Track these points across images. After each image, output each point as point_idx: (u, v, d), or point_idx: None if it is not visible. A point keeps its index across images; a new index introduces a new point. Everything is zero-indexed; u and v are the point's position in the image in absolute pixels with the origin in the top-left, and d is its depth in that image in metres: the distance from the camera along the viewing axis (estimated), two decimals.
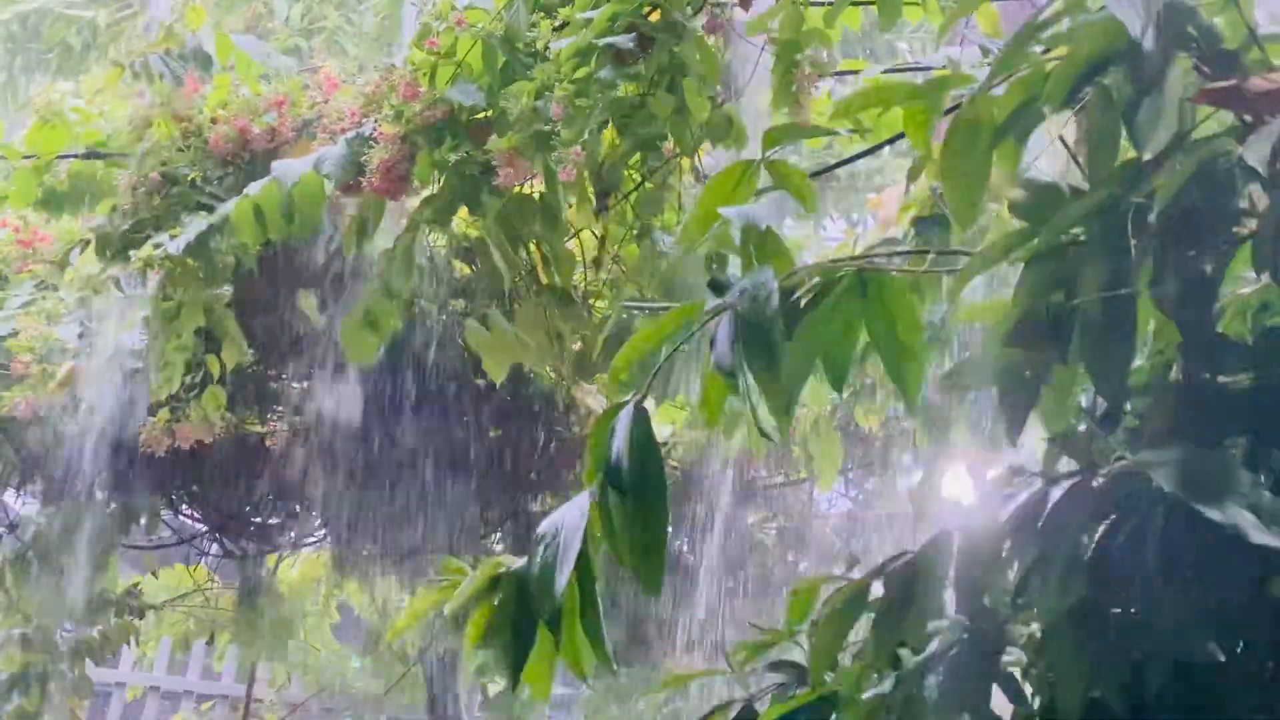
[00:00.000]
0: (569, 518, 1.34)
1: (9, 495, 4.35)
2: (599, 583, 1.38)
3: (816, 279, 1.31)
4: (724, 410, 1.41)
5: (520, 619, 1.36)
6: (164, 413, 3.40)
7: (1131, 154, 1.10)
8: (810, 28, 2.65)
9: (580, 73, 2.49)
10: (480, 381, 3.62)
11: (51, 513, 4.24)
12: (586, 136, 2.49)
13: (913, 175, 2.59)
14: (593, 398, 3.86)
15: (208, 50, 3.32)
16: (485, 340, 3.20)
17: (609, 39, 2.43)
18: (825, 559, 5.28)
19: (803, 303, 1.32)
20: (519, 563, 1.40)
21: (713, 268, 2.41)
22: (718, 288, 1.31)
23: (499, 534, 4.81)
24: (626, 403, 1.33)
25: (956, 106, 1.28)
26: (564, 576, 1.27)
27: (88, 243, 3.05)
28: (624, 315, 3.49)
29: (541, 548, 1.32)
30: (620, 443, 1.29)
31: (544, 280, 2.97)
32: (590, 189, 2.86)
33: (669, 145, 2.93)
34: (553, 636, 1.33)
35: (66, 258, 3.30)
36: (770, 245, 1.34)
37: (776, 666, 1.58)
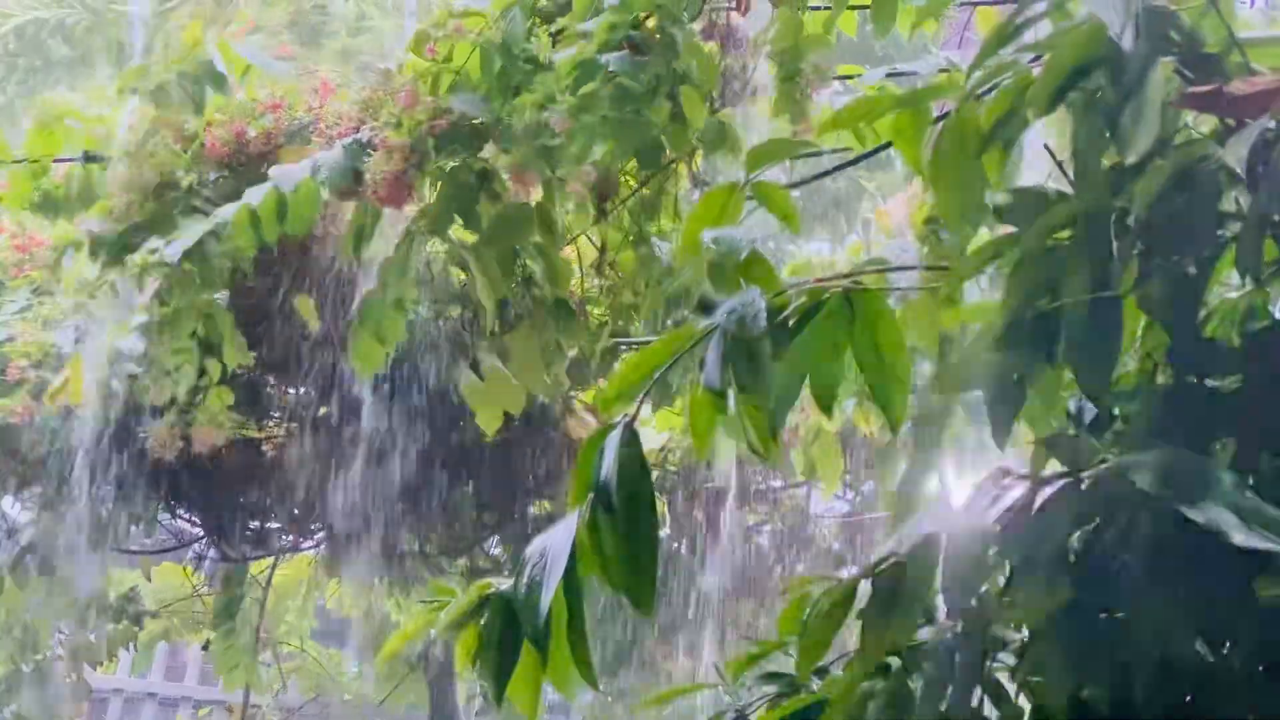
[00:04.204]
0: (556, 540, 1.34)
1: (6, 501, 4.36)
2: (598, 592, 1.39)
3: (803, 299, 1.32)
4: (716, 427, 1.41)
5: (505, 639, 1.37)
6: (170, 416, 3.39)
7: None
8: (808, 34, 2.66)
9: (586, 87, 2.48)
10: None
11: (49, 518, 4.24)
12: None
13: (907, 179, 2.60)
14: (578, 421, 3.86)
15: (219, 69, 3.31)
16: (476, 394, 3.20)
17: (610, 56, 2.43)
18: (824, 561, 5.28)
19: (790, 323, 1.33)
20: (507, 584, 1.41)
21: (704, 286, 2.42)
22: (706, 307, 1.32)
23: (497, 538, 4.82)
24: (616, 425, 1.34)
25: (948, 114, 1.28)
26: (548, 598, 1.28)
27: (81, 245, 3.05)
28: (620, 324, 3.50)
29: (528, 569, 1.33)
30: (609, 465, 1.30)
31: (537, 291, 2.97)
32: (590, 196, 2.87)
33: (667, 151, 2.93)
34: (538, 656, 1.34)
35: (60, 259, 3.30)
36: (755, 267, 1.34)
37: (770, 678, 1.59)
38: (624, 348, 3.51)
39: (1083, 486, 1.12)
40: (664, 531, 4.74)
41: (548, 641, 1.32)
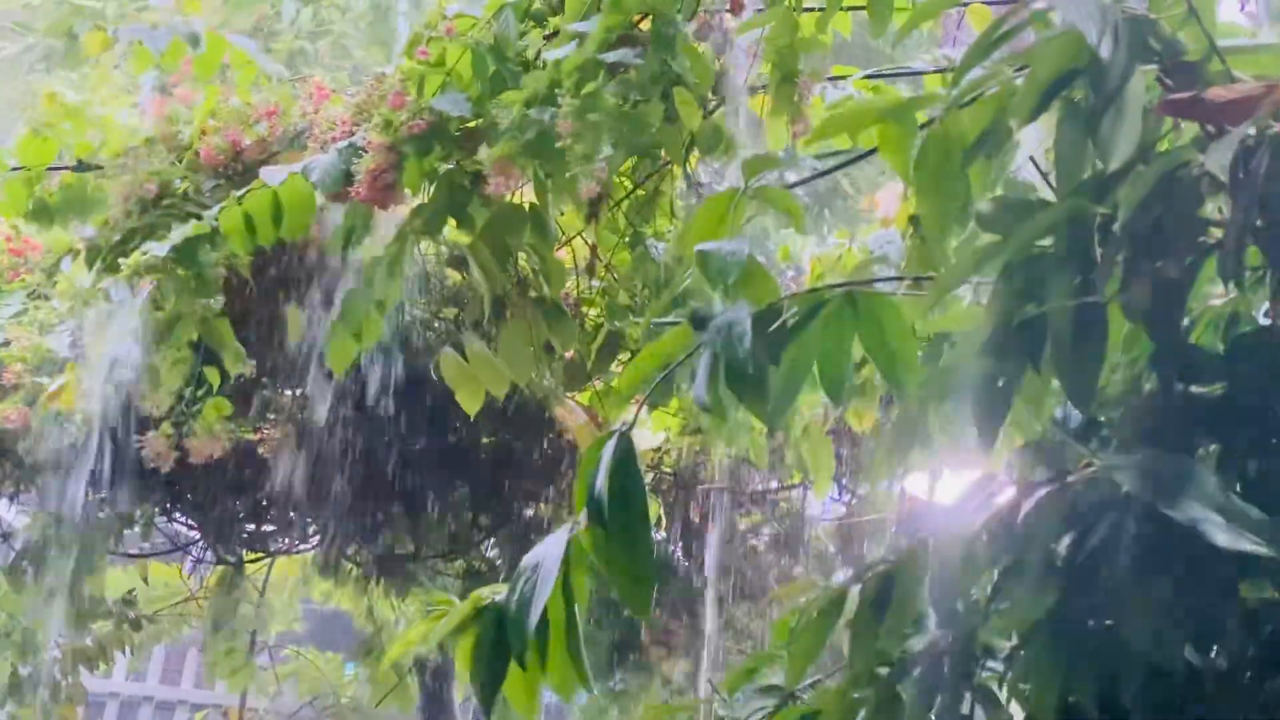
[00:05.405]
0: (549, 551, 1.37)
1: (2, 505, 4.36)
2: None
3: (795, 308, 1.35)
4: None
5: (496, 649, 1.40)
6: (166, 426, 3.39)
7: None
8: (804, 34, 2.67)
9: (588, 87, 2.49)
10: None
11: (45, 521, 4.24)
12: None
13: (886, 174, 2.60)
14: (571, 415, 3.86)
15: (197, 33, 3.30)
16: (458, 372, 3.18)
17: (611, 54, 2.44)
18: (820, 564, 5.29)
19: (790, 325, 1.35)
20: (503, 593, 1.43)
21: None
22: (698, 322, 1.34)
23: (493, 540, 4.82)
24: (613, 433, 1.36)
25: (933, 122, 1.30)
26: (537, 611, 1.31)
27: (78, 252, 3.05)
28: (615, 325, 3.50)
29: (521, 582, 1.36)
30: (602, 476, 1.32)
31: (533, 292, 2.96)
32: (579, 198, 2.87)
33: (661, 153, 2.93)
34: (531, 664, 1.36)
35: (57, 265, 3.29)
36: (752, 278, 1.37)
37: (765, 691, 1.60)
38: (618, 349, 3.51)
39: (1068, 491, 1.12)
40: (659, 534, 4.74)
41: (541, 652, 1.35)
